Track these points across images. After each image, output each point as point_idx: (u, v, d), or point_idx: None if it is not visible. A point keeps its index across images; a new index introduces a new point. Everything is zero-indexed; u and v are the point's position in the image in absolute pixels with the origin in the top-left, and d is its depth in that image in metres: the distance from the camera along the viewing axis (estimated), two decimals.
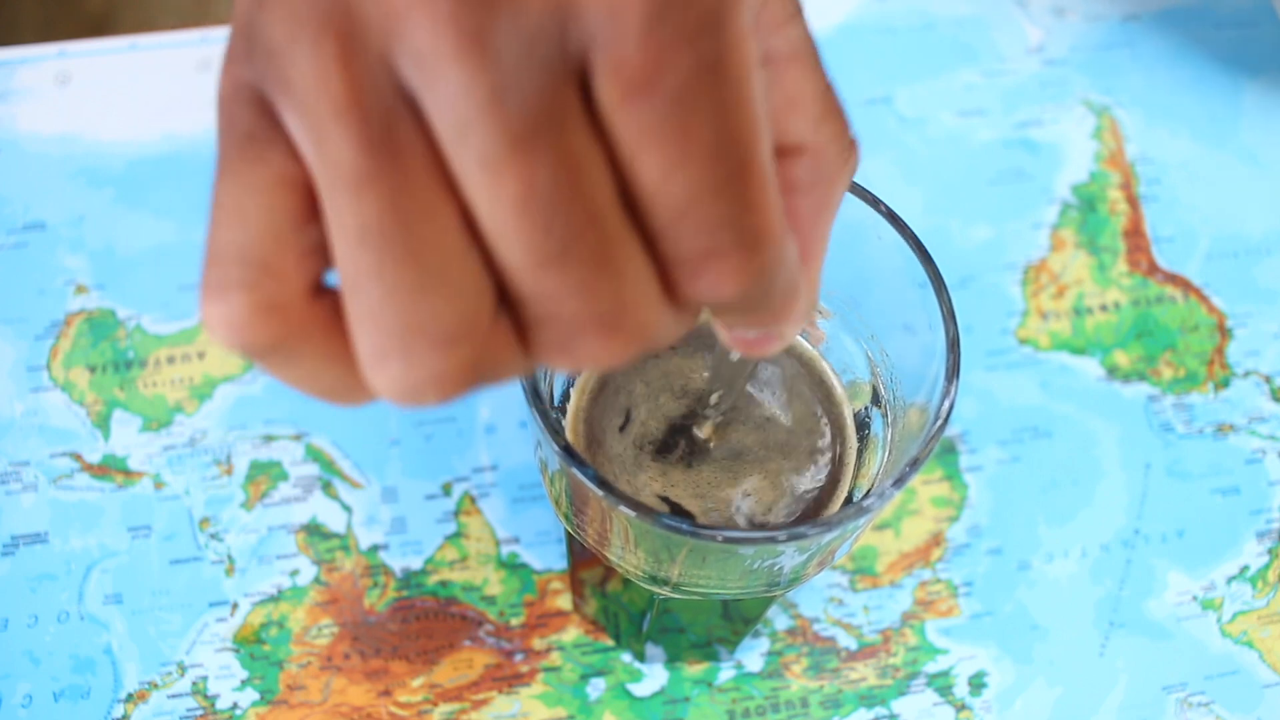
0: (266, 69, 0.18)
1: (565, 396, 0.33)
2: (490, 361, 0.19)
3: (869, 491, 0.31)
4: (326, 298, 0.19)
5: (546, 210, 0.17)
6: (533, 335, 0.19)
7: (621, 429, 0.32)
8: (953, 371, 0.27)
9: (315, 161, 0.18)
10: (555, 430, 0.26)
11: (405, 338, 0.18)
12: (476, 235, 0.18)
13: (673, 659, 0.40)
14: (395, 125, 0.17)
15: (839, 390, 0.33)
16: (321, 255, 0.19)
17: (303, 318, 0.19)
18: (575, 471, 0.25)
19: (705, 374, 0.33)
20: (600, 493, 0.25)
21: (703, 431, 0.32)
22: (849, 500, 0.32)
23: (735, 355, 0.27)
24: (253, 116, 0.19)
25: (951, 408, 0.26)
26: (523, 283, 0.18)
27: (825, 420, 0.33)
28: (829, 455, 0.32)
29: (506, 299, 0.19)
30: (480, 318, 0.18)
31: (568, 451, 0.25)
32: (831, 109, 0.22)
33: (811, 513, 0.31)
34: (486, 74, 0.17)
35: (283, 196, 0.19)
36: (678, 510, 0.31)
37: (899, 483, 0.26)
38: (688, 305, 0.19)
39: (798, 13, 0.22)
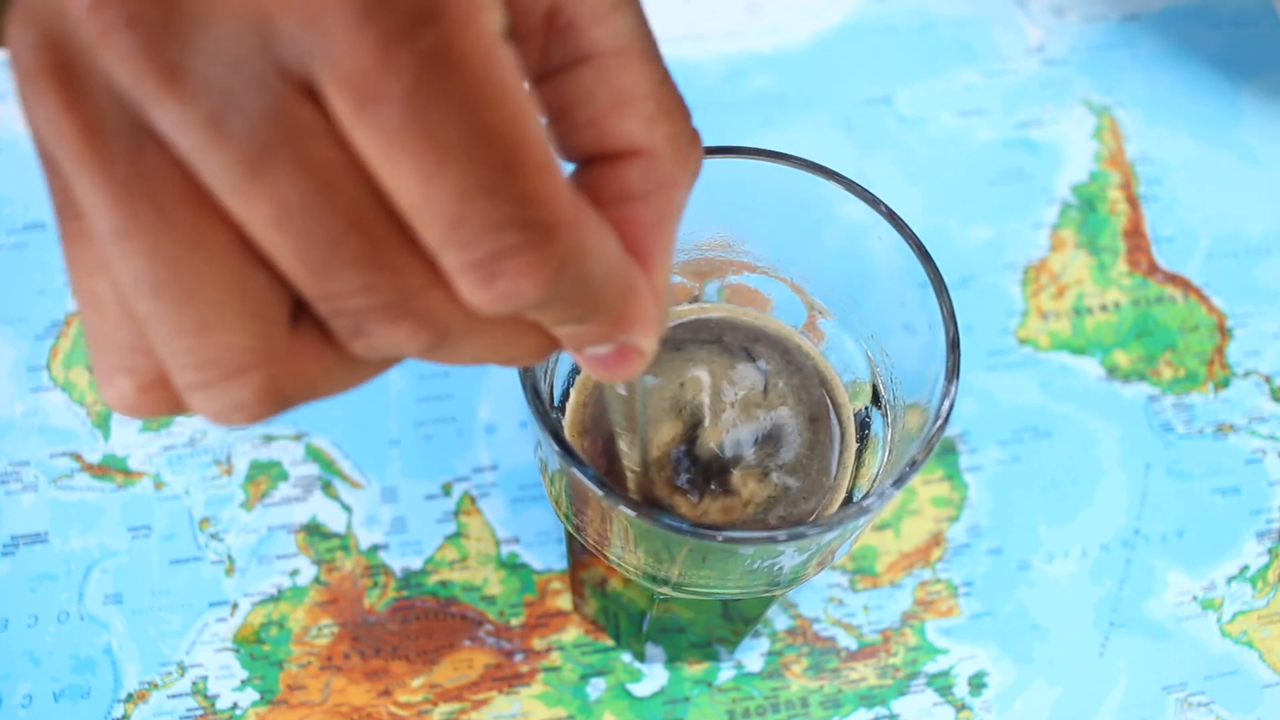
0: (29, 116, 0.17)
1: (565, 396, 0.33)
2: (296, 374, 0.19)
3: (869, 492, 0.30)
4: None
5: (303, 224, 0.17)
6: (332, 329, 0.18)
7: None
8: (952, 372, 0.27)
9: (85, 215, 0.17)
10: (555, 430, 0.26)
11: (202, 373, 0.18)
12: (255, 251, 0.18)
13: (673, 659, 0.40)
14: (142, 161, 0.16)
15: (839, 390, 0.33)
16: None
17: (166, 380, 0.19)
18: (575, 471, 0.25)
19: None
20: (600, 492, 0.25)
21: (634, 488, 0.29)
22: (849, 500, 0.32)
23: (621, 389, 0.25)
24: (58, 184, 0.18)
25: (951, 408, 0.26)
26: (305, 288, 0.18)
27: (824, 420, 0.33)
28: (829, 455, 0.32)
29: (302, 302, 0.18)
30: (273, 338, 0.18)
31: (567, 451, 0.25)
32: (667, 106, 0.20)
33: (811, 513, 0.31)
34: (199, 104, 0.16)
35: (104, 273, 0.18)
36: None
37: (899, 483, 0.26)
38: (492, 310, 0.18)
39: (625, 1, 0.20)
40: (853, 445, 0.33)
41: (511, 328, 0.19)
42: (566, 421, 0.32)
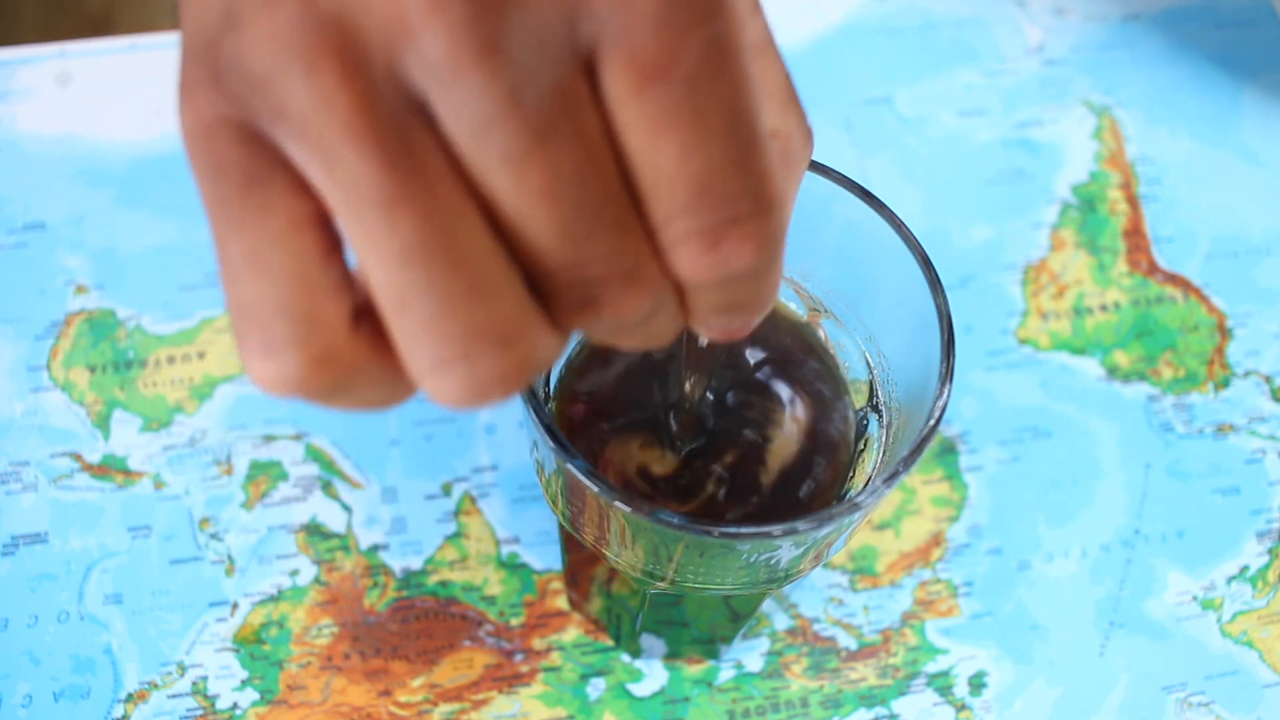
0: (251, 99, 0.17)
1: (559, 393, 0.33)
2: (538, 346, 0.19)
3: (862, 489, 0.31)
4: (364, 323, 0.19)
5: (573, 193, 0.18)
6: (562, 300, 0.19)
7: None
8: (947, 374, 0.27)
9: (332, 190, 0.18)
10: (550, 426, 0.26)
11: (466, 344, 0.18)
12: (499, 228, 0.18)
13: (673, 653, 0.40)
14: (411, 137, 0.17)
15: (846, 389, 0.33)
16: (349, 286, 0.19)
17: (353, 354, 0.19)
18: (571, 467, 0.25)
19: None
20: (595, 488, 0.25)
21: (679, 425, 0.32)
22: (843, 498, 0.32)
23: (704, 341, 0.27)
24: (244, 155, 0.18)
25: (944, 409, 0.27)
26: (552, 258, 0.19)
27: (822, 419, 0.33)
28: (829, 455, 0.32)
29: (529, 277, 0.19)
30: (526, 308, 0.19)
31: (562, 446, 0.25)
32: (794, 97, 0.22)
33: (807, 510, 0.31)
34: (502, 76, 0.17)
35: (303, 238, 0.18)
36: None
37: (890, 480, 0.26)
38: (700, 277, 0.19)
39: (760, 6, 0.23)
40: (849, 445, 0.33)
41: (678, 307, 0.21)
42: (560, 417, 0.32)
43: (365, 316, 0.19)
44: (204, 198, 0.19)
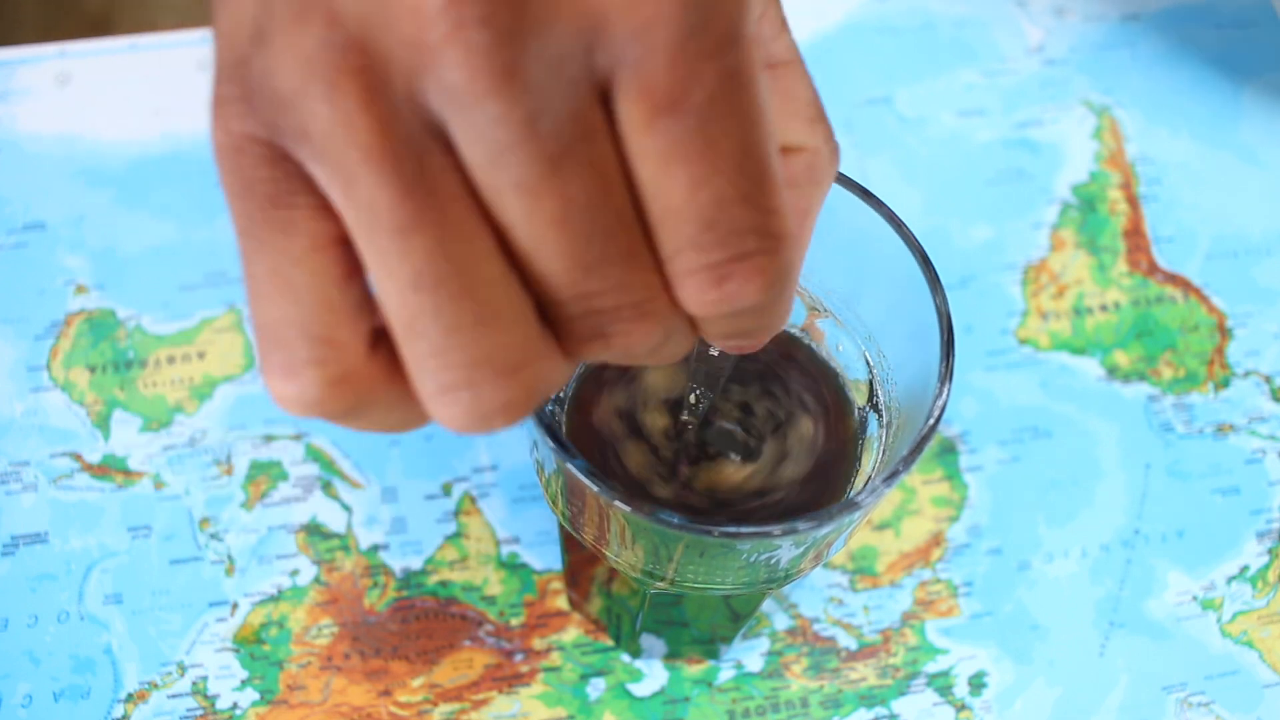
0: (278, 119, 0.18)
1: (561, 393, 0.33)
2: (545, 375, 0.19)
3: (861, 489, 0.31)
4: (382, 347, 0.19)
5: (585, 222, 0.18)
6: (572, 330, 0.19)
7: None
8: (946, 374, 0.27)
9: (351, 211, 0.18)
10: (549, 425, 0.26)
11: (471, 372, 0.18)
12: (510, 256, 0.18)
13: (673, 653, 0.40)
14: (428, 162, 0.17)
15: (847, 391, 0.33)
16: (368, 308, 0.19)
17: (370, 377, 0.19)
18: (571, 467, 0.25)
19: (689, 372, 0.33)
20: (595, 488, 0.25)
21: (681, 428, 0.32)
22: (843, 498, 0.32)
23: (715, 351, 0.27)
24: (270, 174, 0.18)
25: (944, 408, 0.27)
26: (563, 288, 0.18)
27: (821, 420, 0.33)
28: (828, 455, 0.32)
29: (540, 305, 0.19)
30: (538, 338, 0.19)
31: (562, 446, 0.25)
32: (821, 113, 0.23)
33: (806, 510, 0.31)
34: (520, 103, 0.17)
35: (325, 260, 0.19)
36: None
37: (890, 479, 0.26)
38: (706, 312, 0.19)
39: (786, 22, 0.23)
40: (851, 442, 0.33)
41: (690, 332, 0.21)
42: (562, 418, 0.32)
43: (383, 340, 0.19)
44: (232, 214, 0.19)
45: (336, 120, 0.17)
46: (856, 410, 0.33)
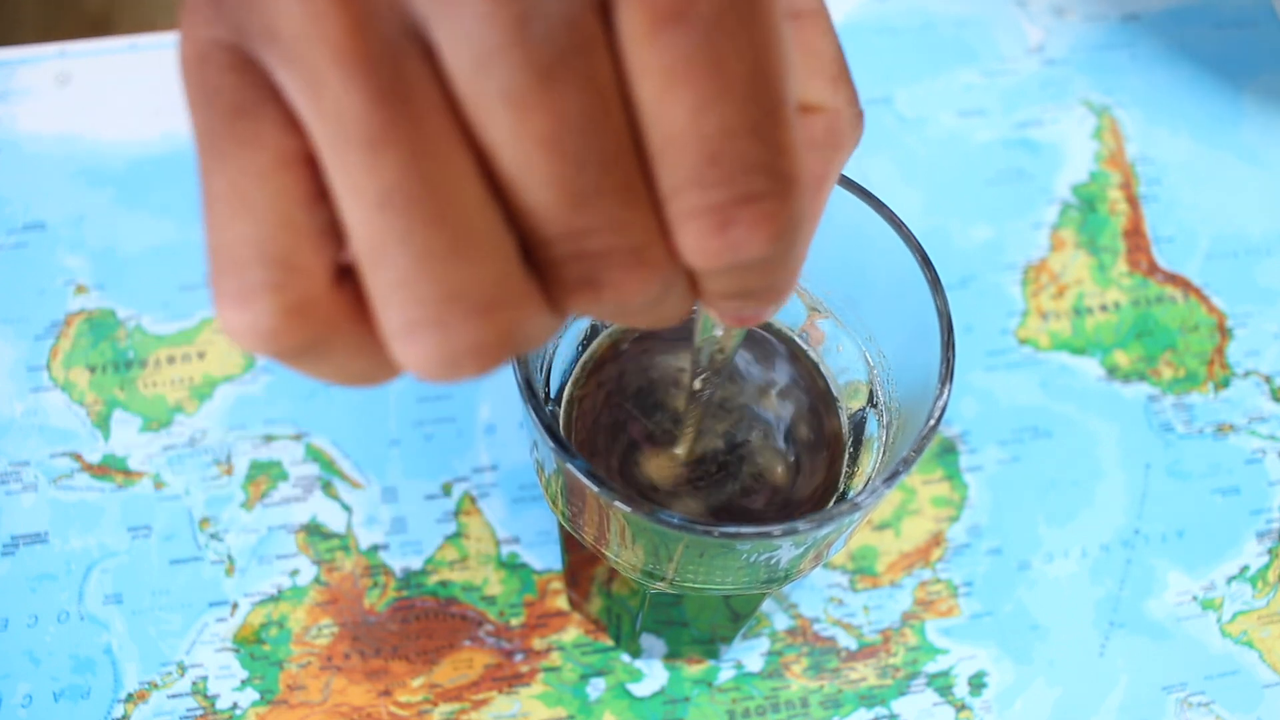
0: (245, 21, 0.16)
1: (560, 391, 0.33)
2: (524, 322, 0.17)
3: (861, 489, 0.31)
4: (347, 281, 0.18)
5: (578, 144, 0.16)
6: (559, 275, 0.17)
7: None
8: (946, 374, 0.27)
9: (317, 121, 0.16)
10: (550, 425, 0.26)
11: (440, 307, 0.17)
12: (493, 183, 0.17)
13: (673, 653, 0.40)
14: (404, 67, 0.16)
15: (835, 390, 0.33)
16: (334, 237, 0.17)
17: (331, 310, 0.17)
18: (571, 467, 0.25)
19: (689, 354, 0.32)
20: (595, 488, 0.25)
21: (681, 426, 0.31)
22: (842, 498, 0.32)
23: (719, 330, 0.26)
24: (235, 83, 0.17)
25: (944, 409, 0.26)
26: (550, 223, 0.17)
27: (821, 420, 0.33)
28: (824, 455, 0.32)
29: (524, 246, 0.17)
30: (514, 276, 0.17)
31: (562, 446, 0.25)
32: (845, 71, 0.21)
33: (806, 510, 0.31)
34: (510, 3, 0.15)
35: (288, 177, 0.17)
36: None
37: (890, 480, 0.26)
38: (706, 263, 0.17)
39: None
40: (847, 446, 0.33)
41: (689, 290, 0.19)
42: (561, 417, 0.32)
43: (350, 278, 0.18)
44: (193, 127, 0.17)
45: (306, 15, 0.15)
46: (857, 410, 0.33)
